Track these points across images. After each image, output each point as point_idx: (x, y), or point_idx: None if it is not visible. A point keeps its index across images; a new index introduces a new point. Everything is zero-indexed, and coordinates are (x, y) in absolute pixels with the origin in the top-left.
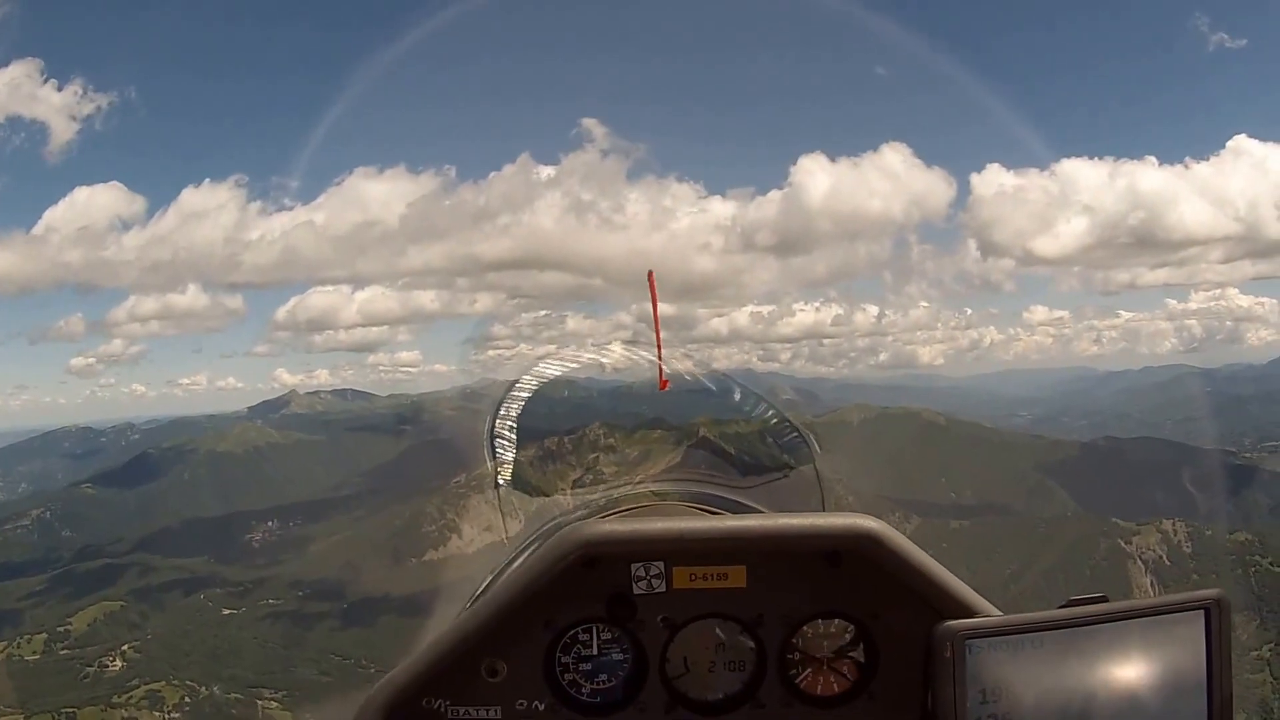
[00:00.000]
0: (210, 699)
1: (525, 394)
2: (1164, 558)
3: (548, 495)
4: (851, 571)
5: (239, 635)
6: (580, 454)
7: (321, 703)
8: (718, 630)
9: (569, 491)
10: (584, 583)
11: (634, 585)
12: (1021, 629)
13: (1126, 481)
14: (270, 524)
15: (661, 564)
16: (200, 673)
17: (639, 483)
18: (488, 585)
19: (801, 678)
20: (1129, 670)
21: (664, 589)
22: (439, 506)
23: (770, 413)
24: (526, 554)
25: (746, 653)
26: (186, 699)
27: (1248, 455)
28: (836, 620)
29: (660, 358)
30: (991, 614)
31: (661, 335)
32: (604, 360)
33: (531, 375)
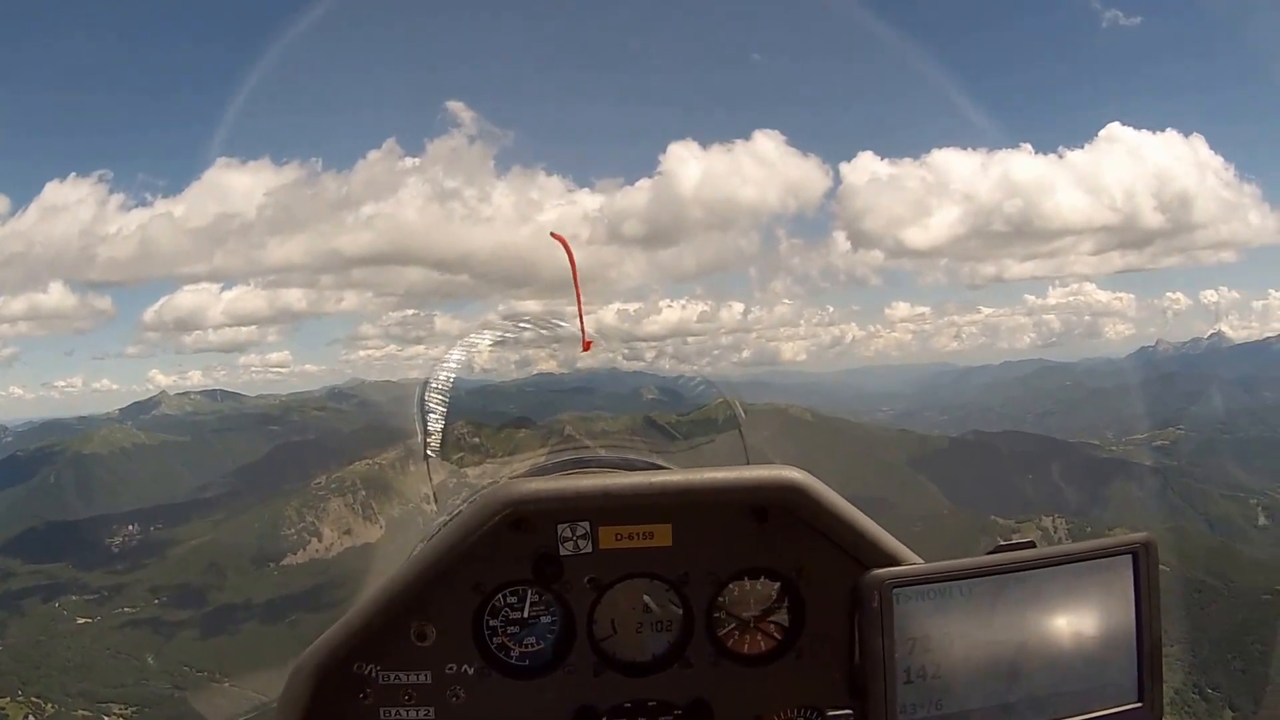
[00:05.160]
0: (56, 717)
1: (450, 374)
2: None
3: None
4: (777, 527)
5: (93, 646)
6: (445, 452)
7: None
8: (644, 591)
9: (433, 499)
10: (511, 544)
11: (561, 546)
12: (949, 576)
13: (997, 475)
14: (131, 528)
15: (587, 524)
16: (49, 687)
17: (564, 449)
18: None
19: (728, 636)
20: (1059, 616)
21: (590, 549)
22: (298, 509)
23: (697, 384)
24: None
25: (673, 612)
26: (31, 716)
27: (1112, 448)
28: (762, 578)
29: (581, 316)
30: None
31: (531, 335)
32: (476, 350)
33: (451, 358)
